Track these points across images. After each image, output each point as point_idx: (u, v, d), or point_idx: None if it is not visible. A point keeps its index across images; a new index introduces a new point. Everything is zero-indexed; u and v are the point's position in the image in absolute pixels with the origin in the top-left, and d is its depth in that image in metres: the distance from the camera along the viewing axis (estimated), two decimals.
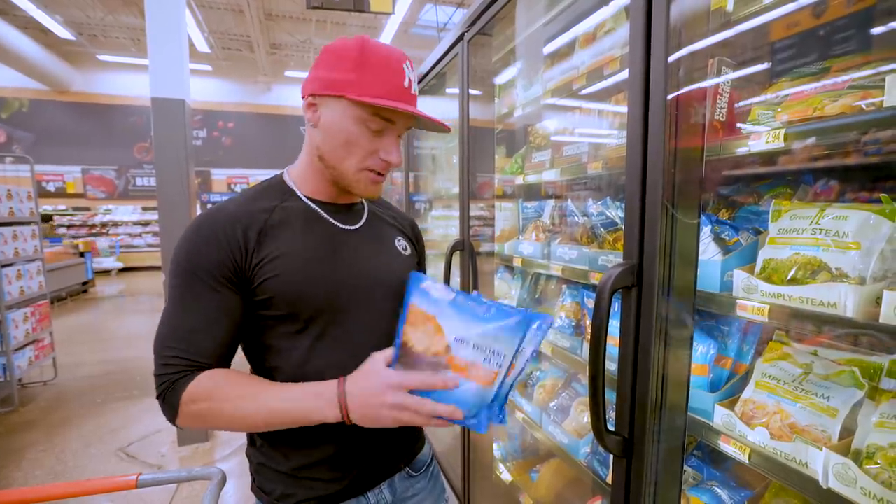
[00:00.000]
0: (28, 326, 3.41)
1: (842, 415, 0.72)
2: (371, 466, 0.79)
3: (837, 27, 0.96)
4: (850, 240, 0.69)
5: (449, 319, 0.63)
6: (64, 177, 10.69)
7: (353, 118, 0.71)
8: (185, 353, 0.67)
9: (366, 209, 0.87)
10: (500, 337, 0.62)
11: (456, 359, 0.62)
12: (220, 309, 0.69)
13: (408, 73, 0.73)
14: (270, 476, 0.78)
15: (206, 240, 0.69)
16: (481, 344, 0.62)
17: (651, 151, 0.76)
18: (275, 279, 0.70)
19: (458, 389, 0.63)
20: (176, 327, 0.68)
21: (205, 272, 0.68)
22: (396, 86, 0.71)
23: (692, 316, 0.83)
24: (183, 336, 0.67)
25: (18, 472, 2.48)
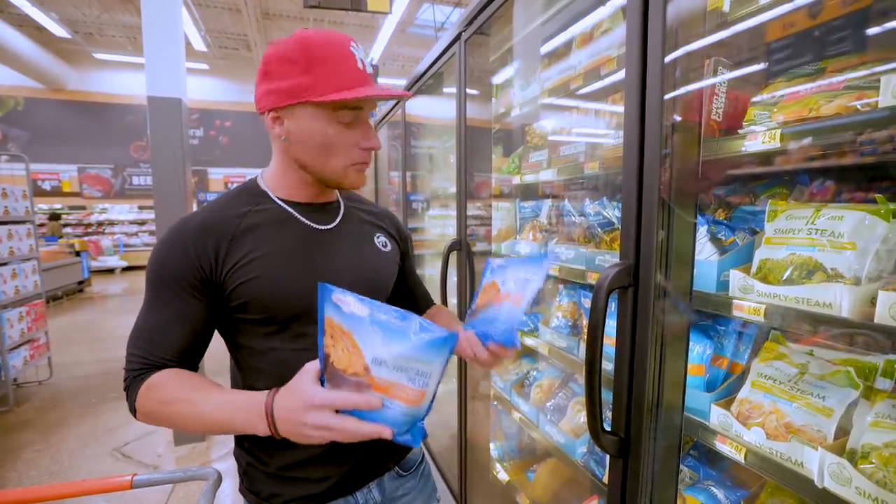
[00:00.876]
0: (23, 326, 3.40)
1: (837, 414, 0.72)
2: (359, 466, 0.80)
3: (833, 28, 0.96)
4: (846, 240, 0.69)
5: (366, 337, 0.58)
6: (60, 176, 10.64)
7: (323, 119, 0.70)
8: (145, 352, 0.70)
9: (341, 208, 0.86)
10: (422, 358, 0.58)
11: (377, 379, 0.58)
12: (182, 314, 0.71)
13: (356, 53, 0.71)
14: (258, 476, 0.79)
15: (174, 249, 0.71)
16: (403, 365, 0.58)
17: (647, 152, 0.76)
18: (248, 283, 0.71)
19: (385, 409, 0.59)
20: (141, 329, 0.71)
21: (170, 279, 0.70)
22: (351, 72, 0.69)
23: (688, 316, 0.83)
24: (146, 337, 0.70)
25: (13, 472, 2.47)
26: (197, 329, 0.72)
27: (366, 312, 0.59)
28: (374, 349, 0.58)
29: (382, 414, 0.59)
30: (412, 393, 0.59)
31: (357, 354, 0.58)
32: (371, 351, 0.58)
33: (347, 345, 0.59)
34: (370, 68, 0.74)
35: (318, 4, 2.66)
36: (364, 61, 0.72)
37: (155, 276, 0.71)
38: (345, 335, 0.59)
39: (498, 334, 0.77)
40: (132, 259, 10.29)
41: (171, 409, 0.66)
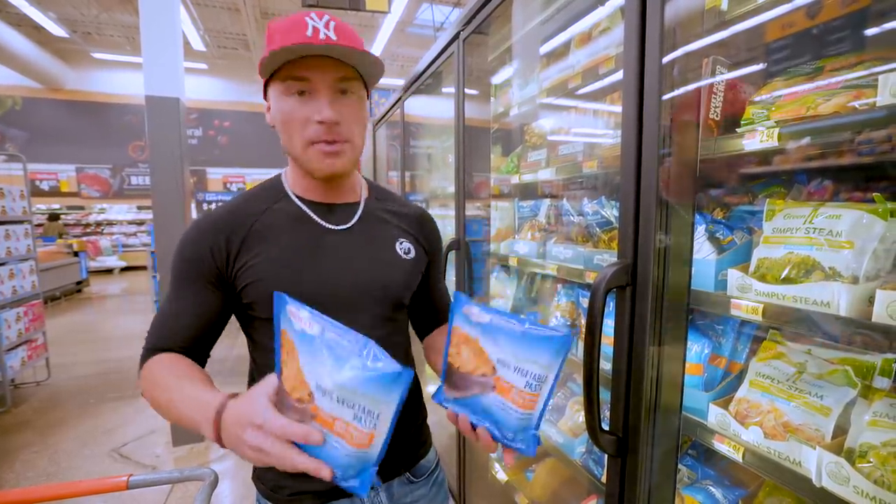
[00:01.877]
0: (21, 326, 3.38)
1: (835, 414, 0.72)
2: None
3: (831, 28, 0.96)
4: (844, 239, 0.69)
5: (313, 360, 0.51)
6: (58, 176, 10.61)
7: (277, 94, 0.70)
8: (156, 336, 0.73)
9: (361, 208, 0.82)
10: (368, 394, 0.49)
11: (320, 410, 0.50)
12: (196, 304, 0.73)
13: (312, 22, 0.66)
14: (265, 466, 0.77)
15: (193, 242, 0.73)
16: (348, 399, 0.50)
17: (645, 151, 0.76)
18: (254, 284, 0.72)
19: (327, 445, 0.51)
20: (160, 314, 0.75)
21: (188, 271, 0.73)
22: (296, 39, 0.65)
23: (686, 315, 0.83)
24: (161, 322, 0.74)
25: (11, 473, 2.46)
26: (209, 319, 0.74)
27: (316, 331, 0.52)
28: (319, 375, 0.50)
29: (326, 451, 0.52)
30: (357, 434, 0.50)
31: (301, 378, 0.51)
32: (315, 377, 0.51)
33: (293, 365, 0.52)
34: (332, 34, 0.66)
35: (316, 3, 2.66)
36: (326, 29, 0.66)
37: (176, 265, 0.74)
38: (293, 354, 0.52)
39: (507, 438, 0.63)
40: (131, 259, 10.27)
41: (154, 394, 0.67)
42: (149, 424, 3.02)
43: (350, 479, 0.54)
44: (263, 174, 11.71)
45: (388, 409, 0.51)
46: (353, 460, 0.52)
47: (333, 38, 0.66)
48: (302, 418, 0.51)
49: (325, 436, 0.51)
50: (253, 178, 11.69)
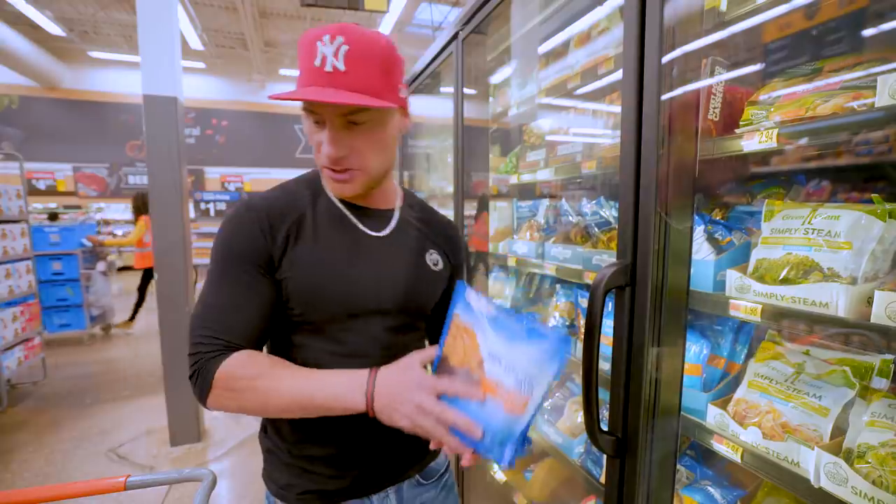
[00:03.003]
0: (17, 326, 3.37)
1: (833, 414, 0.72)
2: (375, 469, 0.78)
3: (830, 28, 0.96)
4: (842, 240, 0.69)
5: (487, 334, 0.61)
6: (55, 175, 10.56)
7: (303, 113, 0.69)
8: (218, 332, 0.67)
9: (396, 216, 0.82)
10: (533, 361, 0.58)
11: (487, 375, 0.59)
12: (253, 292, 0.69)
13: (322, 48, 0.63)
14: (277, 464, 0.78)
15: (243, 226, 0.70)
16: (514, 365, 0.58)
17: (645, 152, 0.76)
18: (292, 280, 0.71)
19: (484, 410, 0.59)
20: (210, 307, 0.68)
21: (238, 257, 0.69)
22: (307, 68, 0.64)
23: (685, 315, 0.83)
24: (216, 317, 0.68)
25: (7, 473, 2.45)
26: (267, 309, 0.71)
27: (494, 313, 0.61)
28: (492, 345, 0.60)
29: (481, 412, 0.59)
30: (516, 398, 0.58)
31: (474, 349, 0.61)
32: (488, 347, 0.60)
33: (467, 341, 0.62)
34: (340, 64, 0.63)
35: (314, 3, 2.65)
36: (329, 57, 0.63)
37: (221, 253, 0.70)
38: (467, 333, 0.62)
39: (484, 446, 0.60)
40: (128, 259, 10.22)
41: (263, 384, 0.64)
42: (145, 425, 3.01)
43: (494, 448, 0.59)
44: (262, 174, 11.69)
45: (544, 379, 0.58)
46: (502, 426, 0.58)
47: (341, 69, 0.63)
48: (467, 383, 0.60)
49: (486, 399, 0.59)
50: (251, 178, 11.66)
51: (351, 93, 0.63)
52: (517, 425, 0.58)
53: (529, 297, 1.72)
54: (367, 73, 0.64)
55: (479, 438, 0.58)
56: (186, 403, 2.72)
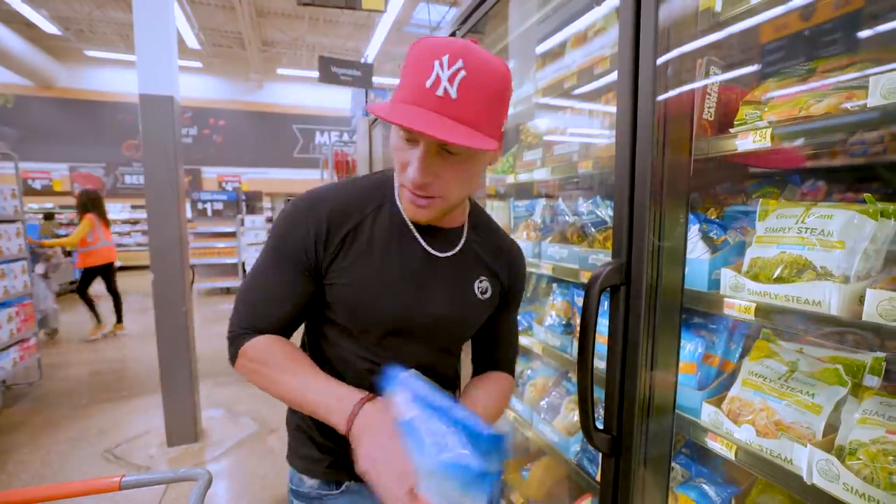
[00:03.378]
0: (13, 326, 3.35)
1: (826, 412, 0.73)
2: None
3: (824, 30, 0.97)
4: (835, 239, 0.70)
5: (414, 441, 0.55)
6: (51, 174, 10.52)
7: (394, 126, 0.66)
8: (249, 315, 0.73)
9: (464, 235, 0.79)
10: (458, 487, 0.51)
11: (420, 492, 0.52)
12: (294, 290, 0.73)
13: (437, 69, 0.59)
14: (303, 441, 0.83)
15: (298, 226, 0.71)
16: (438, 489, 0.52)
17: (639, 152, 0.76)
18: (341, 288, 0.72)
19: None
20: (254, 288, 0.74)
21: (288, 250, 0.71)
22: (416, 85, 0.60)
23: (680, 314, 0.84)
24: (253, 301, 0.74)
25: (3, 474, 2.44)
26: (302, 304, 0.74)
27: (413, 416, 0.56)
28: (418, 458, 0.54)
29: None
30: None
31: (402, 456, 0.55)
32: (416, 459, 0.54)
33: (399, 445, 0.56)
34: (453, 91, 0.59)
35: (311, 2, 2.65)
36: (445, 83, 0.59)
37: (274, 242, 0.73)
38: None
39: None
40: (125, 259, 10.17)
41: (271, 375, 0.69)
42: (142, 425, 3.00)
43: None
44: (259, 173, 11.66)
45: None
46: None
47: (453, 96, 0.59)
48: None
49: None
50: (249, 177, 11.64)
51: (456, 124, 0.59)
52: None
53: (526, 296, 1.73)
54: (478, 106, 0.61)
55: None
56: (183, 404, 2.71)
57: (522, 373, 1.67)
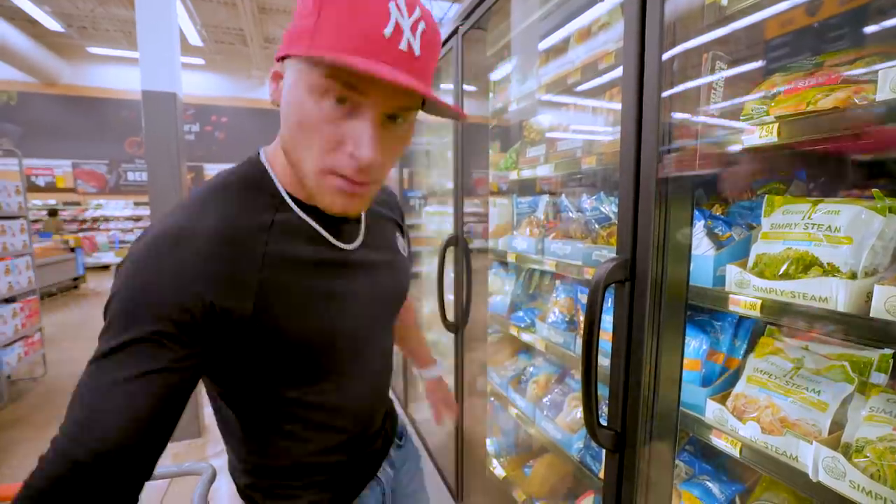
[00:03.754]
0: (17, 322, 3.37)
1: (832, 409, 0.72)
2: (376, 458, 0.79)
3: (831, 24, 0.96)
4: (842, 234, 0.69)
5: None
6: (54, 171, 10.55)
7: (307, 87, 0.48)
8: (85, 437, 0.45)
9: (363, 215, 0.70)
10: None
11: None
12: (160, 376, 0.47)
13: (395, 14, 0.45)
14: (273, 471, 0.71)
15: (170, 274, 0.48)
16: None
17: (644, 146, 0.75)
18: (274, 339, 0.55)
19: None
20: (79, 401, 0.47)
21: (152, 321, 0.47)
22: (369, 31, 0.44)
23: (685, 311, 0.83)
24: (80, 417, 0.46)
25: (8, 469, 2.46)
26: (175, 401, 0.50)
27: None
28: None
29: None
30: None
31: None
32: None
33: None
34: (416, 46, 0.46)
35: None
36: (408, 32, 0.46)
37: (125, 318, 0.48)
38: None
39: None
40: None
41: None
42: None
43: None
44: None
45: None
46: None
47: (416, 53, 0.47)
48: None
49: None
50: None
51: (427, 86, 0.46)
52: None
53: (529, 292, 1.72)
54: (432, 67, 0.50)
55: None
56: None
57: (525, 370, 1.66)
